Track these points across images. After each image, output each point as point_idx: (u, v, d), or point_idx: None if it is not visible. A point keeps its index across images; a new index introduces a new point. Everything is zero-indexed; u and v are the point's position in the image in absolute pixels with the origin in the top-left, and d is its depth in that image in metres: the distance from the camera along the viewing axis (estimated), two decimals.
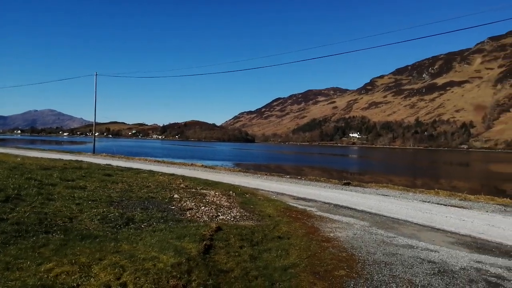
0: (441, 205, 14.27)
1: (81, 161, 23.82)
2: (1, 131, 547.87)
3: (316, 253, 7.09)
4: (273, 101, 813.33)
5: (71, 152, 46.59)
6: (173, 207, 10.28)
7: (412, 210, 12.74)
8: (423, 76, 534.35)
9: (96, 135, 57.45)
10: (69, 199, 9.50)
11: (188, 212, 9.88)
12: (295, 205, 12.78)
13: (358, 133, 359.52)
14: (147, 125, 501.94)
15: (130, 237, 6.86)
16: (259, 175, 24.49)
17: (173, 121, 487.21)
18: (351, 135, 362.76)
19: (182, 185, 15.20)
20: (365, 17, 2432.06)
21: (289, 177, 24.28)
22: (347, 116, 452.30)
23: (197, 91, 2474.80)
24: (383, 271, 6.26)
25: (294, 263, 6.41)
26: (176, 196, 12.15)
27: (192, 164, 32.80)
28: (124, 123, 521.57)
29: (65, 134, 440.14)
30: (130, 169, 20.67)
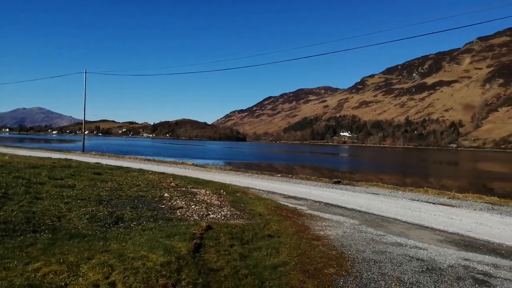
0: (430, 203, 14.43)
1: (70, 160, 23.56)
2: None
3: (306, 251, 7.12)
4: (265, 100, 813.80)
5: (60, 150, 46.08)
6: (163, 206, 10.23)
7: (401, 208, 12.86)
8: (413, 75, 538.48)
9: (86, 133, 56.89)
10: (58, 198, 9.38)
11: (178, 211, 9.84)
12: (286, 204, 12.81)
13: (348, 132, 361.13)
14: (137, 124, 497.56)
15: (119, 236, 6.81)
16: (250, 174, 24.49)
17: (164, 120, 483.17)
18: (342, 134, 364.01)
19: (172, 183, 15.12)
20: (365, 17, 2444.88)
21: (280, 175, 24.32)
22: (338, 115, 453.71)
23: (189, 90, 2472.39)
24: (372, 269, 6.32)
25: (284, 261, 6.43)
26: (166, 195, 12.09)
27: (182, 162, 32.70)
28: (114, 122, 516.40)
29: (54, 132, 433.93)
30: (120, 168, 20.51)
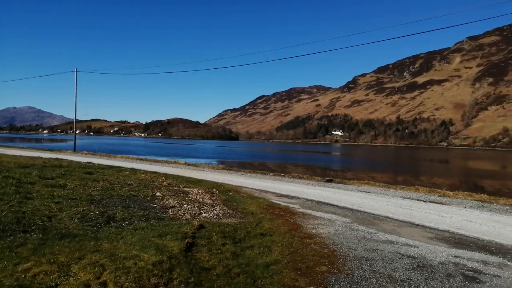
0: (421, 201, 14.55)
1: (61, 159, 23.38)
2: None
3: (298, 249, 7.14)
4: (257, 99, 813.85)
5: (51, 150, 45.69)
6: (155, 205, 10.19)
7: (392, 206, 12.95)
8: (404, 74, 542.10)
9: (77, 132, 56.39)
10: (48, 197, 9.32)
11: (170, 210, 9.81)
12: (278, 202, 12.83)
13: (340, 131, 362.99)
14: (129, 123, 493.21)
15: (110, 235, 6.77)
16: (243, 173, 24.49)
17: (156, 119, 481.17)
18: (334, 132, 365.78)
19: (164, 183, 15.07)
20: (365, 17, 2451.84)
21: (272, 174, 24.35)
22: (330, 114, 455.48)
23: (181, 88, 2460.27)
24: (363, 266, 6.36)
25: (276, 259, 6.44)
26: (158, 194, 12.05)
27: (175, 162, 32.57)
28: (106, 121, 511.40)
29: (45, 131, 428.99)
30: (111, 167, 20.39)
